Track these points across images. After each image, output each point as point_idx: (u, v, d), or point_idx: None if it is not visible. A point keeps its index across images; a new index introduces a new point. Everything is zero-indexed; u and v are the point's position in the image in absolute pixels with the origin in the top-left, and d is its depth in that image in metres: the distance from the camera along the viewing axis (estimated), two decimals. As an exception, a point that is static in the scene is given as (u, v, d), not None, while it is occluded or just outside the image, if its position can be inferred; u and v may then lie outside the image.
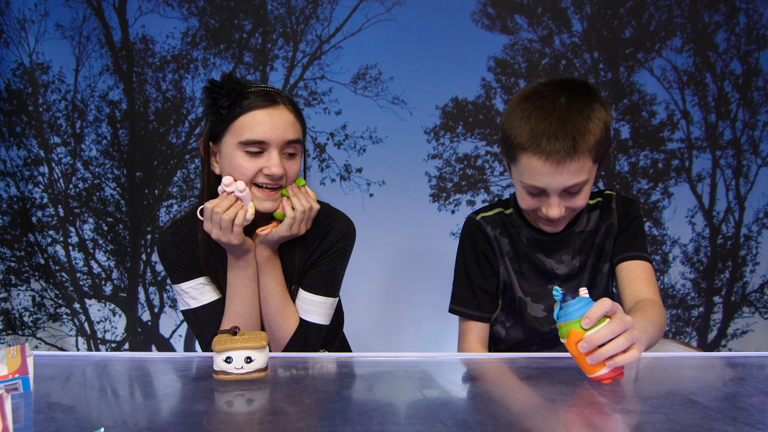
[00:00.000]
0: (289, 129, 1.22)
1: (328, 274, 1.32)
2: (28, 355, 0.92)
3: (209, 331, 1.31)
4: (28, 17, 2.26)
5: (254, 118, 1.20)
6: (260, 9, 2.30)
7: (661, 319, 1.14)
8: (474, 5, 2.28)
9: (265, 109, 1.21)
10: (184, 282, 1.32)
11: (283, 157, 1.23)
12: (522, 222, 1.34)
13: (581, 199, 1.19)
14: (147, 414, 0.84)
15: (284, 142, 1.22)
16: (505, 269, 1.35)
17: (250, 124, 1.20)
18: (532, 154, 1.13)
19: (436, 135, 2.35)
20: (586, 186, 1.18)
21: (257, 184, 1.23)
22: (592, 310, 0.89)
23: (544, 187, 1.16)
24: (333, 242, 1.32)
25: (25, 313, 2.40)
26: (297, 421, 0.79)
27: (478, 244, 1.35)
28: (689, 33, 2.31)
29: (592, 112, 1.14)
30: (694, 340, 2.46)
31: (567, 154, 1.11)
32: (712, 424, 0.77)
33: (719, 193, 2.39)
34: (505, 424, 0.79)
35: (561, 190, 1.17)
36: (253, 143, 1.20)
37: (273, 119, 1.21)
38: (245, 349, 0.94)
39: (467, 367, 1.07)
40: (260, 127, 1.20)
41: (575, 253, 1.33)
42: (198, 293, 1.31)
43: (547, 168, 1.13)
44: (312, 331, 1.31)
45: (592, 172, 1.18)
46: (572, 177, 1.14)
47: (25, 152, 2.31)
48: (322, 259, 1.31)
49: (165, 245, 1.32)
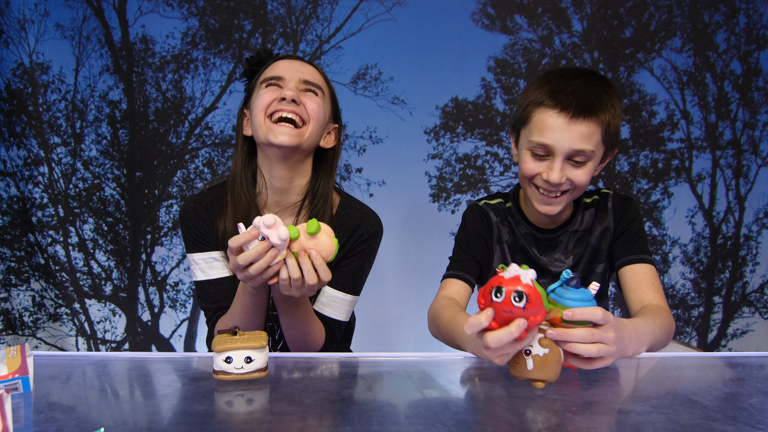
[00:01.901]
0: (306, 71, 1.29)
1: (357, 272, 1.32)
2: (28, 355, 0.91)
3: (209, 308, 1.31)
4: (28, 17, 2.26)
5: (277, 64, 1.30)
6: (260, 9, 2.30)
7: (669, 324, 1.13)
8: (474, 5, 2.28)
9: (288, 59, 1.31)
10: (197, 252, 1.32)
11: (301, 93, 1.27)
12: (520, 216, 1.35)
13: (582, 174, 1.19)
14: (147, 414, 0.84)
15: (300, 80, 1.27)
16: (503, 256, 1.35)
17: (272, 67, 1.30)
18: (547, 108, 1.17)
19: (436, 135, 2.35)
20: (590, 162, 1.19)
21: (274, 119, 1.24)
22: (579, 309, 0.87)
23: (551, 144, 1.16)
24: (364, 238, 1.32)
25: (25, 313, 2.40)
26: (297, 421, 0.79)
27: (478, 225, 1.36)
28: (689, 33, 2.31)
29: (610, 89, 1.20)
30: (694, 340, 2.46)
31: (581, 111, 1.14)
32: (712, 424, 0.77)
33: (719, 193, 2.39)
34: (505, 424, 0.79)
35: (566, 154, 1.17)
36: (270, 79, 1.27)
37: (293, 64, 1.30)
38: (245, 349, 0.94)
39: (467, 367, 1.07)
40: (279, 67, 1.29)
41: (568, 252, 1.34)
42: (208, 267, 1.31)
43: (559, 122, 1.15)
44: (337, 329, 1.32)
45: (599, 151, 1.19)
46: (580, 140, 1.15)
47: (25, 152, 2.31)
48: (351, 256, 1.31)
49: (187, 211, 1.33)
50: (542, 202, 1.24)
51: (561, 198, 1.23)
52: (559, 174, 1.17)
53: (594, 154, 1.18)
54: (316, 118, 1.26)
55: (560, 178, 1.18)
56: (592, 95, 1.16)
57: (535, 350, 0.86)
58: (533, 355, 0.86)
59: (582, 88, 1.17)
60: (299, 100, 1.25)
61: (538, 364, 0.86)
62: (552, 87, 1.18)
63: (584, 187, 1.22)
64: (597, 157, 1.20)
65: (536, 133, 1.18)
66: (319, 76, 1.32)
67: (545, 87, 1.19)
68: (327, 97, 1.33)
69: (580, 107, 1.14)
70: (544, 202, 1.24)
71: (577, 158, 1.18)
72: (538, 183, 1.22)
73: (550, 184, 1.19)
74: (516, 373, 0.89)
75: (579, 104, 1.14)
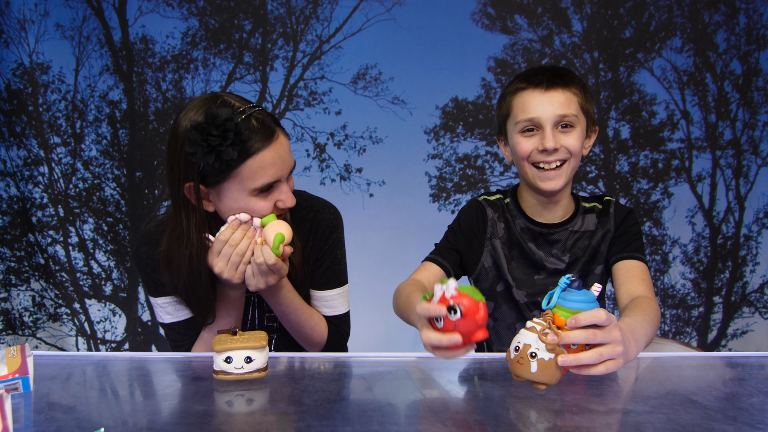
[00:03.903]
0: (290, 157, 1.16)
1: (335, 266, 1.32)
2: (28, 355, 0.92)
3: (183, 344, 1.30)
4: (28, 17, 2.26)
5: (263, 161, 1.09)
6: (260, 9, 2.30)
7: (656, 316, 1.14)
8: (474, 5, 2.28)
9: (268, 148, 1.10)
10: (161, 297, 1.27)
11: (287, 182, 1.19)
12: (518, 211, 1.37)
13: (574, 140, 1.26)
14: (147, 414, 0.84)
15: (290, 171, 1.17)
16: (494, 251, 1.37)
17: (261, 169, 1.10)
18: (522, 90, 1.28)
19: (436, 135, 2.35)
20: (577, 128, 1.26)
21: None
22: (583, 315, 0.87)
23: (537, 116, 1.25)
24: (326, 234, 1.30)
25: (25, 313, 2.40)
26: (297, 421, 0.79)
27: (471, 220, 1.40)
28: (689, 33, 2.31)
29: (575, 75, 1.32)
30: (694, 340, 2.46)
31: (553, 82, 1.26)
32: (712, 424, 0.77)
33: (719, 193, 2.39)
34: (505, 424, 0.79)
35: (553, 121, 1.24)
36: (269, 185, 1.12)
37: (279, 155, 1.12)
38: (245, 349, 0.94)
39: (467, 367, 1.07)
40: (271, 168, 1.11)
41: (566, 251, 1.35)
42: (174, 309, 1.27)
43: (536, 95, 1.25)
44: (341, 323, 1.33)
45: (581, 119, 1.28)
46: (560, 106, 1.24)
47: (25, 152, 2.31)
48: (322, 256, 1.31)
49: (141, 258, 1.25)
50: (544, 179, 1.28)
51: (561, 170, 1.27)
52: (553, 140, 1.24)
53: (578, 120, 1.26)
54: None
55: (554, 143, 1.24)
56: (559, 71, 1.29)
57: (541, 354, 0.86)
58: (538, 358, 0.86)
59: (549, 68, 1.31)
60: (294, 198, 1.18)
61: (542, 367, 0.86)
62: (523, 75, 1.31)
63: (578, 154, 1.28)
64: (582, 126, 1.28)
65: (520, 113, 1.27)
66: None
67: (517, 79, 1.31)
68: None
69: (551, 80, 1.26)
70: (546, 177, 1.28)
71: (565, 123, 1.25)
72: (535, 159, 1.27)
73: (547, 152, 1.25)
74: (518, 374, 0.89)
75: (550, 78, 1.26)
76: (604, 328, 0.87)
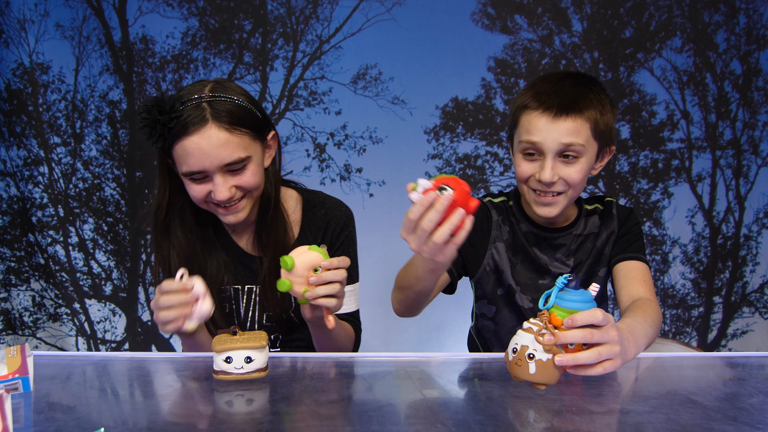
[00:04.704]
0: (223, 150, 1.11)
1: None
2: (28, 355, 0.92)
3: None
4: (28, 17, 2.26)
5: (183, 148, 1.11)
6: (260, 9, 2.30)
7: (658, 317, 1.14)
8: (474, 5, 2.28)
9: (189, 138, 1.10)
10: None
11: (229, 175, 1.14)
12: (521, 215, 1.35)
13: (575, 172, 1.19)
14: (147, 414, 0.84)
15: (222, 167, 1.12)
16: (498, 255, 1.35)
17: (183, 155, 1.12)
18: (531, 110, 1.19)
19: (436, 135, 2.35)
20: (582, 159, 1.19)
21: (213, 204, 1.18)
22: (579, 315, 0.87)
23: (539, 141, 1.18)
24: (338, 232, 1.32)
25: (25, 313, 2.40)
26: (297, 421, 0.79)
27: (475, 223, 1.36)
28: (689, 33, 2.31)
29: (595, 86, 1.22)
30: (694, 340, 2.46)
31: (564, 109, 1.16)
32: (712, 424, 0.77)
33: (719, 193, 2.39)
34: (505, 424, 0.79)
35: (556, 150, 1.18)
36: (193, 173, 1.13)
37: (200, 147, 1.10)
38: (245, 349, 0.94)
39: (467, 367, 1.07)
40: (191, 158, 1.11)
41: (570, 254, 1.34)
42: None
43: (543, 120, 1.17)
44: (354, 319, 1.34)
45: (591, 147, 1.20)
46: (567, 135, 1.16)
47: (25, 152, 2.31)
48: (334, 253, 1.31)
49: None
50: (539, 204, 1.25)
51: (557, 199, 1.23)
52: (551, 172, 1.18)
53: (585, 150, 1.18)
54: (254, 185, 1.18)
55: (552, 176, 1.18)
56: (575, 93, 1.18)
57: (539, 355, 0.86)
58: (536, 359, 0.86)
59: (565, 88, 1.19)
60: (231, 192, 1.15)
61: (540, 368, 0.86)
62: (536, 90, 1.21)
63: (579, 186, 1.22)
64: (590, 154, 1.20)
65: (524, 133, 1.21)
66: (234, 138, 1.12)
67: (530, 91, 1.22)
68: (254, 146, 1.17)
69: (562, 105, 1.16)
70: (541, 203, 1.24)
71: (568, 153, 1.18)
72: (532, 185, 1.23)
73: (543, 183, 1.20)
74: (517, 375, 0.89)
75: (561, 103, 1.17)
76: (601, 327, 0.87)
